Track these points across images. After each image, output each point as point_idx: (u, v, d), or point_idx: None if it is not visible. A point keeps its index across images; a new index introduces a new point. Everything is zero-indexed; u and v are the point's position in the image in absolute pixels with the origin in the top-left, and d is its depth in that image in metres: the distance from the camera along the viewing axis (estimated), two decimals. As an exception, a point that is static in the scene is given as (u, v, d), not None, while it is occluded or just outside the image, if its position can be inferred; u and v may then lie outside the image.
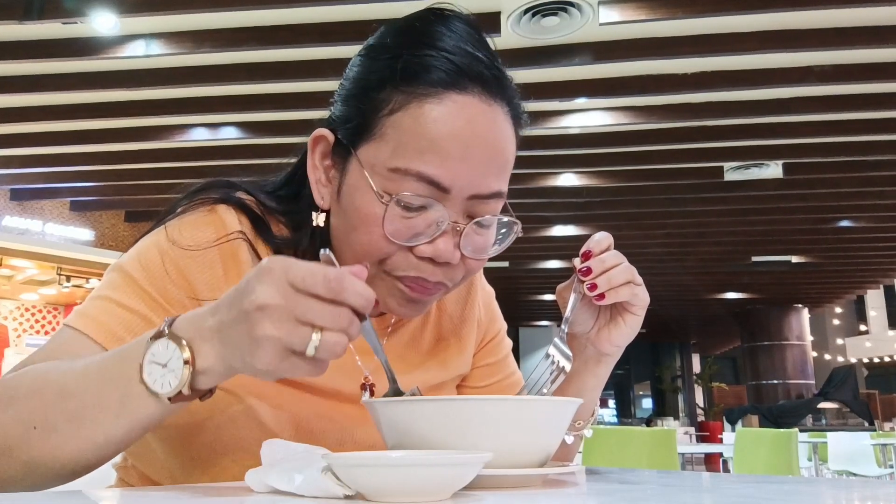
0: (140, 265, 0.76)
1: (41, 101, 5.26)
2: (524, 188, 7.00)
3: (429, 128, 0.71)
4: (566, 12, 4.09)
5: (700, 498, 0.61)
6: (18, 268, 7.63)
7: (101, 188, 7.34)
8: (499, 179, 0.75)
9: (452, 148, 0.71)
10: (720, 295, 12.85)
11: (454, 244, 0.73)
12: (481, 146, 0.72)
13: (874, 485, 0.78)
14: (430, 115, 0.71)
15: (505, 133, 0.75)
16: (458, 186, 0.72)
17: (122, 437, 0.63)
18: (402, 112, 0.72)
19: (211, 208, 0.79)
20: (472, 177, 0.72)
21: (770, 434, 5.07)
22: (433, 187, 0.71)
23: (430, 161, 0.70)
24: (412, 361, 0.89)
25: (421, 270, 0.74)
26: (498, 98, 0.75)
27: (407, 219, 0.72)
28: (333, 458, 0.54)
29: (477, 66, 0.73)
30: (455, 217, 0.73)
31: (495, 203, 0.75)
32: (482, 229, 0.76)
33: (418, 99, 0.72)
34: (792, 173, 6.54)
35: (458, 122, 0.71)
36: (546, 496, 0.59)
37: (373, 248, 0.73)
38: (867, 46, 4.33)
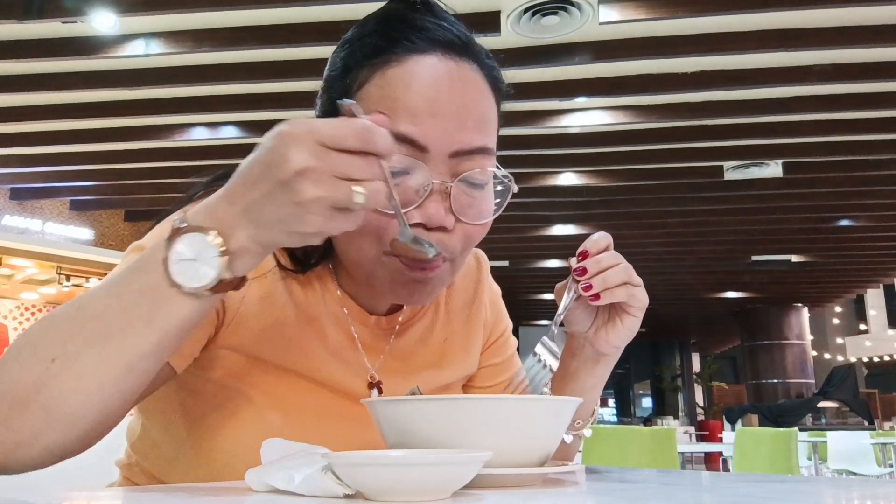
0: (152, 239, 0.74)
1: (41, 100, 5.26)
2: (524, 187, 6.96)
3: (395, 89, 0.71)
4: (566, 11, 4.09)
5: (700, 497, 0.61)
6: (18, 267, 7.62)
7: (101, 187, 7.34)
8: (479, 134, 0.73)
9: (421, 104, 0.70)
10: (720, 294, 12.86)
11: (445, 207, 0.72)
12: (451, 100, 0.71)
13: (874, 484, 0.78)
14: (394, 78, 0.71)
15: (476, 88, 0.74)
16: (435, 142, 0.70)
17: (154, 349, 0.60)
18: (368, 84, 0.73)
19: None
20: (447, 131, 0.71)
21: (770, 433, 5.07)
22: (410, 146, 0.70)
23: (402, 120, 0.69)
24: (421, 361, 0.88)
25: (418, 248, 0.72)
26: (465, 57, 0.74)
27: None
28: (333, 457, 0.54)
29: (437, 31, 0.73)
30: (440, 177, 0.71)
31: (482, 159, 0.73)
32: (473, 189, 0.74)
33: (381, 68, 0.72)
34: (792, 172, 6.54)
35: (423, 80, 0.71)
36: (546, 495, 0.59)
37: (365, 224, 0.70)
38: (867, 46, 4.33)
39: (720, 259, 10.10)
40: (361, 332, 0.83)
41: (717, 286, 12.28)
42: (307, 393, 0.79)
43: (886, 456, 7.12)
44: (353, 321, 0.82)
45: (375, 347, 0.83)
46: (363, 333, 0.83)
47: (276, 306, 0.78)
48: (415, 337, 0.89)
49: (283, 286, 0.79)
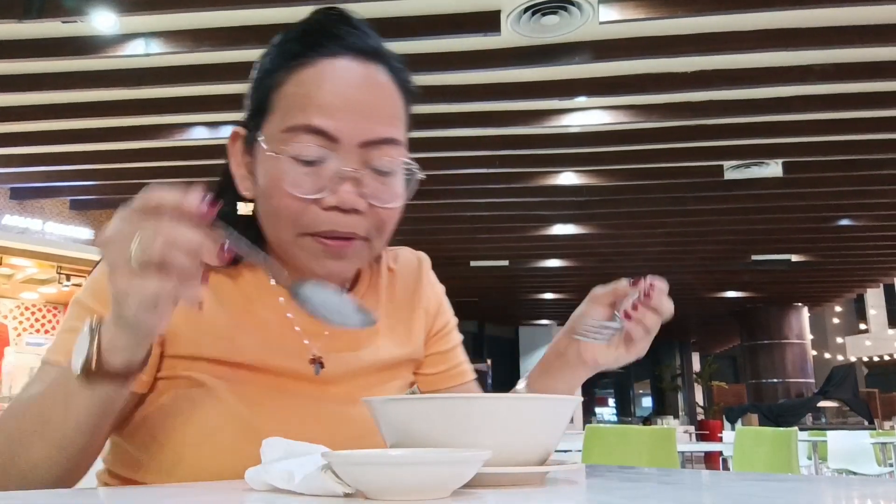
0: (92, 294, 0.82)
1: (41, 100, 5.26)
2: (524, 187, 7.00)
3: (308, 87, 0.79)
4: (566, 11, 4.09)
5: (700, 496, 0.61)
6: (18, 267, 7.63)
7: (101, 187, 7.33)
8: (386, 126, 0.81)
9: (332, 100, 0.79)
10: (720, 294, 12.85)
11: (356, 192, 0.79)
12: (360, 96, 0.80)
13: (874, 483, 0.78)
14: (307, 78, 0.80)
15: (383, 87, 0.83)
16: (346, 134, 0.78)
17: (74, 432, 0.70)
18: (285, 84, 0.81)
19: None
20: (357, 123, 0.79)
21: (770, 433, 5.07)
22: (322, 137, 0.78)
23: (314, 114, 0.78)
24: (362, 341, 0.93)
25: (332, 222, 0.79)
26: (373, 61, 0.83)
27: (306, 173, 0.78)
28: (333, 456, 0.54)
29: (349, 38, 0.82)
30: (352, 166, 0.79)
31: (390, 149, 0.81)
32: (383, 177, 0.82)
33: (297, 70, 0.81)
34: (792, 172, 6.54)
35: (333, 79, 0.80)
36: (546, 494, 0.59)
37: (283, 209, 0.79)
38: (868, 45, 4.33)
39: (720, 259, 10.10)
40: (300, 316, 0.87)
41: (716, 286, 12.27)
42: (254, 376, 0.83)
43: (886, 455, 7.12)
44: (290, 307, 0.88)
45: (315, 331, 0.89)
46: (302, 318, 0.87)
47: (210, 306, 0.84)
48: None
49: (214, 284, 0.85)
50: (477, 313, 15.59)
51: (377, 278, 1.00)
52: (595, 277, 6.17)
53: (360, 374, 0.91)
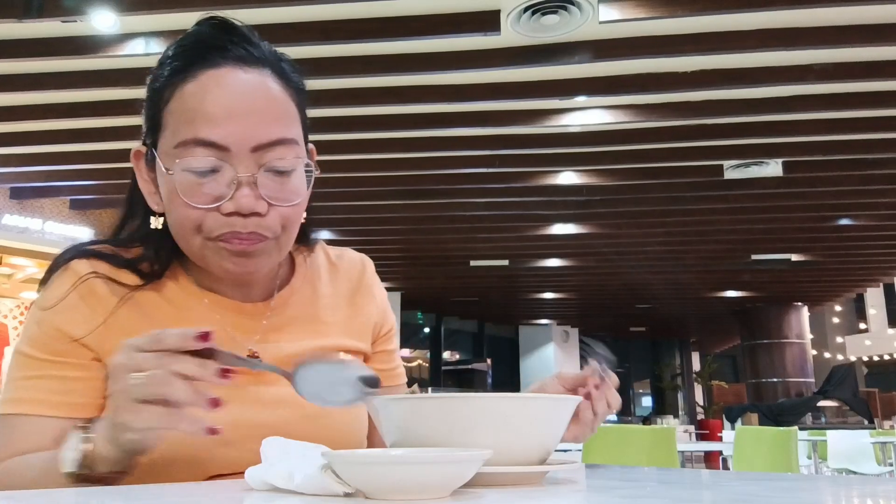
0: (29, 343, 0.86)
1: (41, 99, 5.25)
2: (524, 186, 7.00)
3: (192, 101, 0.81)
4: (566, 10, 4.09)
5: (700, 495, 0.61)
6: (18, 266, 7.63)
7: (101, 186, 7.33)
8: (276, 127, 0.82)
9: (216, 110, 0.80)
10: (720, 293, 12.85)
11: (255, 195, 0.80)
12: (244, 103, 0.81)
13: (873, 482, 0.78)
14: (190, 92, 0.82)
15: (269, 89, 0.84)
16: (235, 141, 0.80)
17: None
18: (172, 100, 0.83)
19: (65, 267, 0.89)
20: (245, 129, 0.80)
21: (770, 432, 5.07)
22: (213, 148, 0.80)
23: (201, 127, 0.80)
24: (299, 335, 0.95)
25: (231, 225, 0.81)
26: (256, 66, 0.84)
27: (202, 184, 0.80)
28: (333, 455, 0.54)
29: (229, 47, 0.84)
30: (246, 171, 0.80)
31: (283, 150, 0.82)
32: (279, 176, 0.83)
33: (181, 84, 0.82)
34: (792, 171, 6.53)
35: (215, 89, 0.81)
36: (546, 493, 0.59)
37: (182, 219, 0.82)
38: (867, 44, 4.33)
39: (720, 258, 10.10)
40: (235, 319, 0.91)
41: (716, 285, 12.27)
42: None
43: (886, 455, 7.12)
44: (223, 312, 0.91)
45: (250, 328, 0.92)
46: (237, 321, 0.91)
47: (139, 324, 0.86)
48: (290, 312, 0.96)
49: (140, 307, 0.88)
50: (477, 313, 15.60)
51: (315, 271, 1.02)
52: (595, 277, 6.27)
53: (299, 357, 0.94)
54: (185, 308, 0.90)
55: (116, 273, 0.88)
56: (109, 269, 0.88)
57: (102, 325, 0.85)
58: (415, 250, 9.73)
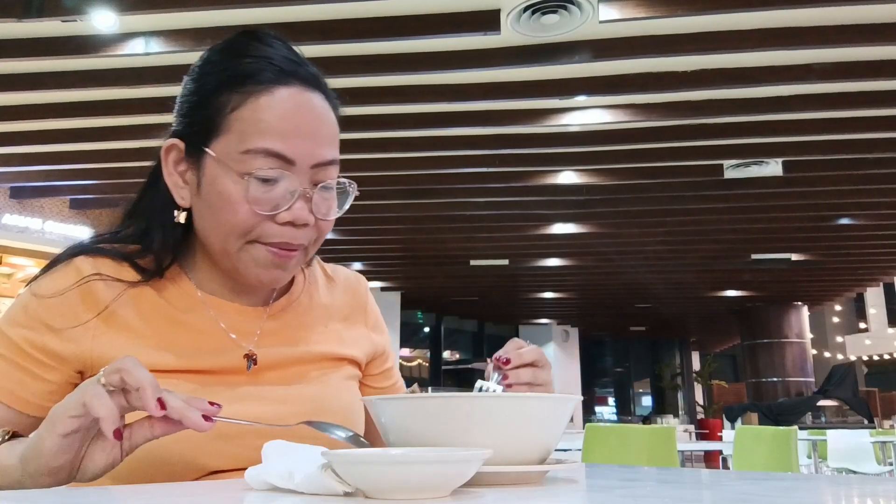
0: (9, 322, 0.88)
1: (40, 99, 5.25)
2: (524, 186, 7.00)
3: (266, 114, 0.86)
4: (566, 10, 4.09)
5: (700, 495, 0.61)
6: (18, 266, 7.63)
7: (101, 186, 7.33)
8: (331, 149, 0.90)
9: (288, 127, 0.86)
10: (720, 293, 12.85)
11: (308, 209, 0.87)
12: (310, 123, 0.88)
13: (873, 482, 0.78)
14: (265, 105, 0.86)
15: (327, 113, 0.91)
16: (301, 157, 0.86)
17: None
18: (241, 108, 0.86)
19: (69, 262, 0.91)
20: (310, 148, 0.87)
21: (770, 432, 5.07)
22: (280, 160, 0.85)
23: (273, 139, 0.85)
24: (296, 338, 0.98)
25: (285, 235, 0.87)
26: (315, 89, 0.91)
27: (265, 192, 0.85)
28: (333, 455, 0.54)
29: (293, 67, 0.90)
30: (304, 185, 0.87)
31: (332, 169, 0.90)
32: (326, 193, 0.90)
33: (254, 95, 0.86)
34: (792, 171, 6.53)
35: (288, 107, 0.87)
36: (546, 493, 0.59)
37: (240, 223, 0.86)
38: (867, 44, 4.33)
39: (720, 257, 10.10)
40: (234, 321, 0.94)
41: (716, 284, 12.28)
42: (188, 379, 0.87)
43: (886, 454, 7.12)
44: (222, 315, 0.93)
45: (248, 331, 0.94)
46: (236, 323, 0.94)
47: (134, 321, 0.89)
48: (287, 319, 0.99)
49: (136, 304, 0.90)
50: (477, 312, 15.60)
51: (313, 282, 1.06)
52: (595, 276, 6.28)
53: (294, 363, 0.96)
54: (183, 309, 0.92)
55: (119, 270, 0.91)
56: (113, 266, 0.91)
57: (94, 318, 0.87)
58: (415, 250, 9.73)
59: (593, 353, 19.05)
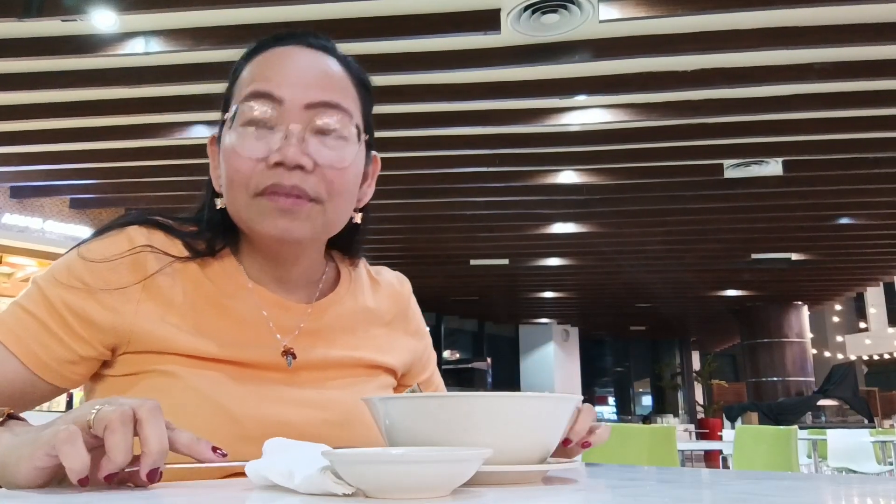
0: (49, 278, 0.85)
1: (40, 98, 5.26)
2: (524, 185, 7.00)
3: (259, 67, 0.88)
4: (566, 9, 4.09)
5: (700, 494, 0.61)
6: (18, 265, 7.64)
7: (101, 186, 7.33)
8: (331, 92, 0.87)
9: (274, 71, 0.86)
10: (720, 292, 12.85)
11: (301, 150, 0.83)
12: (301, 67, 0.87)
13: (873, 481, 0.78)
14: (260, 60, 0.89)
15: (328, 63, 0.89)
16: (289, 96, 0.84)
17: None
18: (242, 72, 0.90)
19: (122, 230, 0.89)
20: (299, 87, 0.85)
21: (770, 431, 5.08)
22: (267, 100, 0.84)
23: (260, 83, 0.85)
24: (336, 341, 0.95)
25: (276, 177, 0.83)
26: (320, 49, 0.90)
27: (254, 136, 0.84)
28: (333, 455, 0.54)
29: (301, 35, 0.91)
30: (296, 125, 0.83)
31: (334, 113, 0.86)
32: (328, 138, 0.86)
33: (253, 59, 0.90)
34: (792, 170, 6.53)
35: (279, 56, 0.88)
36: (546, 492, 0.59)
37: (234, 172, 0.84)
38: (868, 43, 4.33)
39: (720, 257, 10.10)
40: (276, 315, 0.91)
41: (716, 284, 12.27)
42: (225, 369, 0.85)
43: (886, 454, 7.11)
44: (266, 306, 0.90)
45: (288, 327, 0.91)
46: (278, 316, 0.91)
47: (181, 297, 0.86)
48: (328, 320, 0.95)
49: (177, 277, 0.88)
50: (477, 312, 15.60)
51: (358, 285, 1.02)
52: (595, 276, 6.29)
53: (332, 366, 0.92)
54: (229, 294, 0.89)
55: (170, 245, 0.89)
56: (165, 241, 0.89)
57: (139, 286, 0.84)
58: (415, 249, 9.73)
59: (593, 353, 19.04)
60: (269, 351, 0.88)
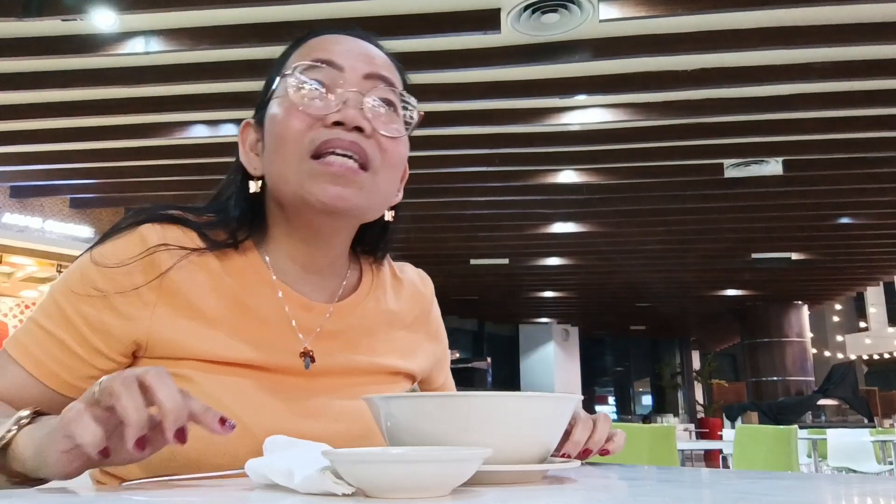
0: (63, 289, 0.83)
1: (40, 98, 5.25)
2: (524, 185, 7.00)
3: (310, 47, 0.89)
4: (566, 9, 4.09)
5: (699, 493, 0.61)
6: (18, 265, 7.63)
7: (101, 185, 7.33)
8: (385, 69, 0.89)
9: (331, 44, 0.89)
10: (720, 292, 12.85)
11: (360, 114, 0.83)
12: (359, 44, 0.90)
13: (873, 480, 0.78)
14: (309, 44, 0.90)
15: (379, 51, 0.93)
16: (349, 63, 0.86)
17: None
18: (293, 55, 0.90)
19: (134, 230, 0.85)
20: (359, 60, 0.87)
21: (770, 431, 5.08)
22: (328, 66, 0.85)
23: (318, 52, 0.87)
24: (356, 344, 0.92)
25: (335, 135, 0.82)
26: (372, 42, 0.93)
27: (313, 97, 0.84)
28: (334, 454, 0.54)
29: (347, 26, 0.93)
30: (356, 89, 0.84)
31: (391, 91, 0.88)
32: (383, 107, 0.87)
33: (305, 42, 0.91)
34: (792, 170, 6.53)
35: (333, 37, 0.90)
36: (546, 492, 0.59)
37: (293, 132, 0.83)
38: (868, 43, 4.33)
39: (720, 257, 10.10)
40: (298, 315, 0.88)
41: (716, 284, 12.28)
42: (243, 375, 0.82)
43: (886, 453, 7.11)
44: (289, 306, 0.88)
45: (309, 328, 0.88)
46: (300, 317, 0.88)
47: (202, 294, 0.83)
48: (350, 321, 0.93)
49: (201, 277, 0.84)
50: (477, 311, 15.59)
51: (381, 286, 0.99)
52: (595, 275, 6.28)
53: (352, 372, 0.90)
54: (250, 289, 0.86)
55: (186, 239, 0.85)
56: (180, 235, 0.86)
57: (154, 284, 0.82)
58: (415, 249, 9.73)
59: (593, 353, 19.04)
60: (289, 354, 0.85)
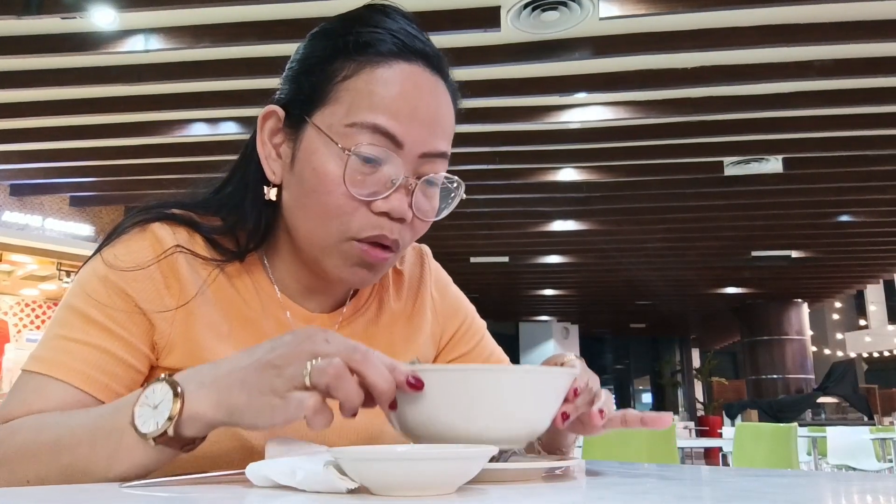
0: (84, 298, 0.78)
1: (40, 96, 5.25)
2: (524, 183, 6.99)
3: (381, 87, 0.77)
4: (566, 7, 4.09)
5: (699, 491, 0.61)
6: (18, 263, 7.63)
7: (101, 183, 7.33)
8: (444, 141, 0.80)
9: (403, 106, 0.76)
10: (720, 290, 12.85)
11: (407, 202, 0.77)
12: (428, 107, 0.78)
13: (873, 478, 0.78)
14: (381, 77, 0.77)
15: (447, 101, 0.82)
16: (410, 142, 0.76)
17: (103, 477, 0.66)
18: (355, 77, 0.77)
19: (143, 227, 0.81)
20: (421, 134, 0.77)
21: (769, 429, 5.08)
22: (388, 140, 0.76)
23: (384, 115, 0.76)
24: None
25: (380, 227, 0.77)
26: (438, 73, 0.82)
27: (364, 174, 0.76)
28: (338, 452, 0.54)
29: (419, 44, 0.81)
30: (408, 174, 0.77)
31: (441, 164, 0.80)
32: (430, 189, 0.81)
33: (370, 65, 0.77)
34: (792, 168, 6.53)
35: (406, 84, 0.78)
36: (547, 489, 0.59)
37: (332, 207, 0.76)
38: (867, 41, 4.32)
39: (720, 254, 10.10)
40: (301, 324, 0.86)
41: (716, 282, 12.28)
42: None
43: (886, 451, 7.12)
44: (294, 320, 0.85)
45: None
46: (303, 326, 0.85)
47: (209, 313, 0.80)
48: (357, 330, 0.91)
49: (213, 292, 0.81)
50: (477, 309, 15.60)
51: (383, 284, 0.96)
52: (595, 273, 6.28)
53: None
54: (255, 306, 0.84)
55: (193, 244, 0.82)
56: (188, 238, 0.82)
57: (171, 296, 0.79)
58: (415, 246, 9.73)
59: (593, 350, 19.05)
60: None
